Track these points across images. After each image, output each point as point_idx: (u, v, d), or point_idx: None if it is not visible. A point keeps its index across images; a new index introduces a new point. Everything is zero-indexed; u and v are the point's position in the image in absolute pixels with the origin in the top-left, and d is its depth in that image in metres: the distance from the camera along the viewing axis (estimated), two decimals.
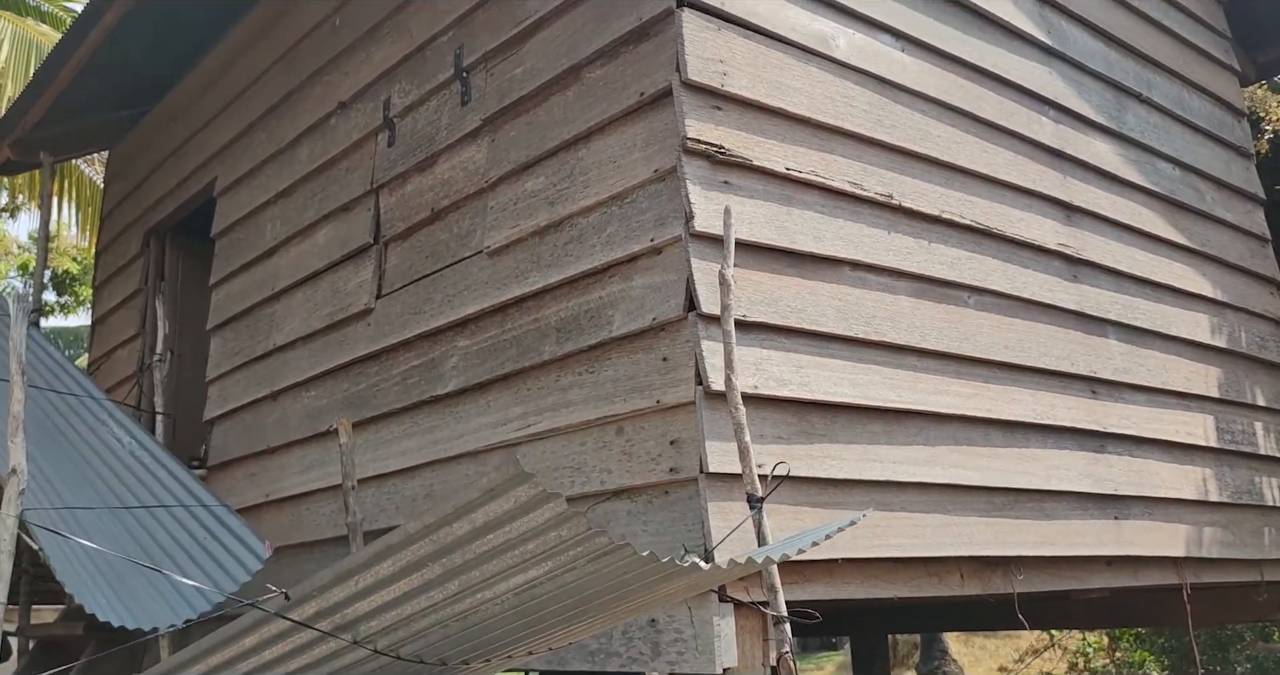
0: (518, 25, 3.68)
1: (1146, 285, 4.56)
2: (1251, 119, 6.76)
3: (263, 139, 5.15)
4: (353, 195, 4.41)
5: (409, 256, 4.07)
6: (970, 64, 4.01)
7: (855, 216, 3.43)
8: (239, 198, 5.28)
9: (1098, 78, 4.67)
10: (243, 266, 5.11)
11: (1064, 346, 4.03)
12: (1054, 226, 4.18)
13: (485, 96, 3.80)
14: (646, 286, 3.05)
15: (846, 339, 3.23)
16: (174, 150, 6.04)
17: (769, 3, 3.35)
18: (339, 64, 4.67)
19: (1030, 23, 4.37)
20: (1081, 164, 4.41)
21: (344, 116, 4.57)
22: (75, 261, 16.44)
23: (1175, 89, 5.21)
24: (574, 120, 3.41)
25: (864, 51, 3.62)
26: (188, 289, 5.91)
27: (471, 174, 3.82)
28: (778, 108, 3.27)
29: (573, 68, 3.43)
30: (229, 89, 5.56)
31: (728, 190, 3.07)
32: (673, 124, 3.04)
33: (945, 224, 3.72)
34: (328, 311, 4.41)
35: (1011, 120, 4.12)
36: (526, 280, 3.47)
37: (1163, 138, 4.96)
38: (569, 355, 3.25)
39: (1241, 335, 5.05)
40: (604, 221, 3.24)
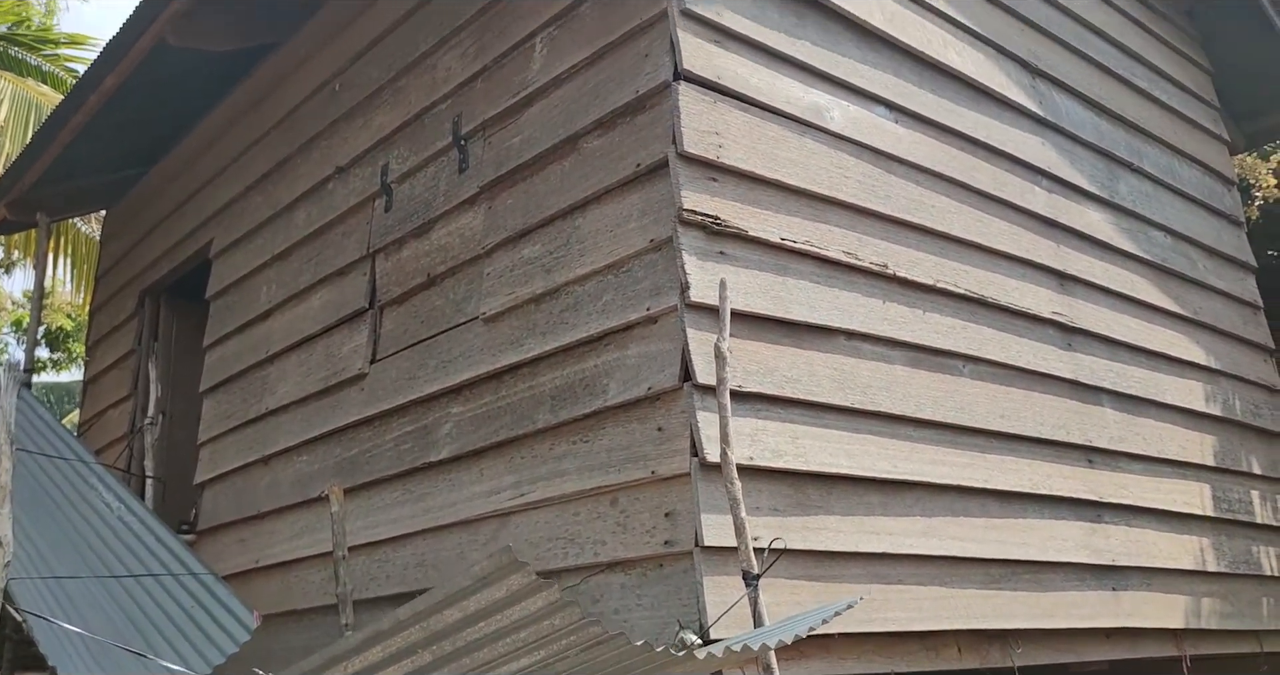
0: (516, 95, 3.72)
1: (1140, 353, 4.57)
2: (1241, 186, 6.82)
3: (260, 202, 5.17)
4: (349, 259, 4.42)
5: (404, 322, 4.07)
6: (964, 135, 4.05)
7: (850, 286, 3.43)
8: (235, 260, 5.29)
9: (1090, 147, 4.72)
10: (237, 329, 5.10)
11: (1059, 415, 4.02)
12: (1048, 295, 4.19)
13: (483, 164, 3.83)
14: (642, 356, 3.05)
15: (842, 409, 3.22)
16: (171, 211, 6.07)
17: (764, 75, 3.39)
18: (337, 129, 4.71)
19: (1023, 94, 4.42)
20: (1075, 233, 4.44)
21: (342, 181, 4.60)
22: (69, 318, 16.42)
23: (1166, 158, 5.27)
24: (571, 189, 3.43)
25: (858, 123, 3.66)
26: (181, 350, 5.89)
27: (468, 240, 3.84)
28: (773, 179, 3.29)
29: (570, 138, 3.46)
30: (227, 152, 5.60)
31: (723, 260, 3.08)
32: (669, 195, 3.06)
33: (940, 293, 3.73)
34: (321, 375, 4.39)
35: (1005, 190, 4.15)
36: (522, 347, 3.46)
37: (1154, 207, 5.01)
38: (563, 424, 3.23)
39: (1236, 403, 5.05)
40: (600, 290, 3.25)
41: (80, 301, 12.29)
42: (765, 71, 3.40)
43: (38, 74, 10.23)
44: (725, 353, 2.56)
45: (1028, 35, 4.59)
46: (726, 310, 2.64)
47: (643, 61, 3.25)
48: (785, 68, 3.47)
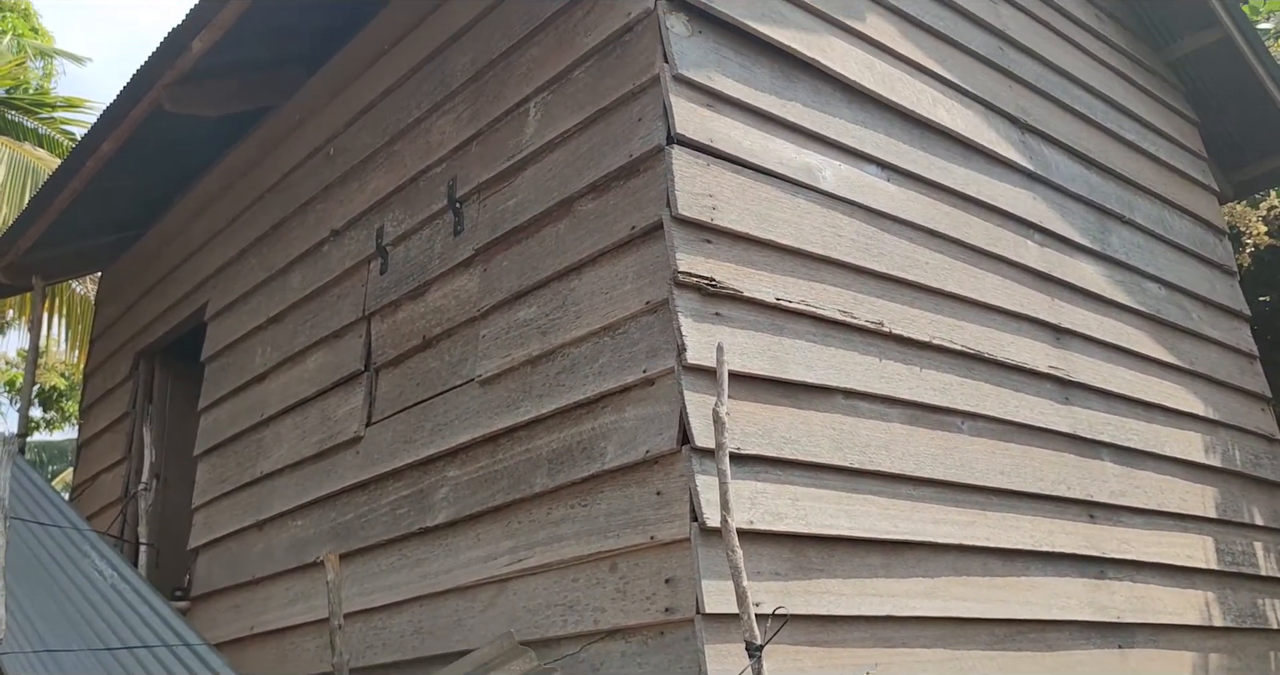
0: (510, 159, 3.74)
1: (1138, 405, 4.56)
2: (1232, 233, 6.87)
3: (255, 265, 5.18)
4: (344, 322, 4.41)
5: (400, 384, 4.05)
6: (956, 191, 4.08)
7: (847, 344, 3.43)
8: (230, 322, 5.28)
9: (1081, 201, 4.75)
10: (232, 392, 5.08)
11: (1059, 470, 4.00)
12: (1044, 349, 4.19)
13: (478, 227, 3.84)
14: (639, 418, 3.03)
15: (842, 469, 3.20)
16: (166, 274, 6.07)
17: (756, 137, 3.41)
18: (332, 192, 4.73)
19: (1013, 149, 4.46)
20: (1069, 286, 4.45)
21: (337, 244, 4.61)
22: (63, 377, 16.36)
23: (1157, 210, 5.30)
24: (566, 251, 3.43)
25: (850, 182, 3.68)
26: (176, 413, 5.86)
27: (463, 302, 3.84)
28: (767, 239, 3.30)
29: (564, 201, 3.47)
30: (222, 214, 5.62)
31: (719, 322, 3.08)
32: (664, 257, 3.06)
33: (936, 350, 3.72)
34: (317, 439, 4.36)
35: (998, 245, 4.17)
36: (518, 410, 3.44)
37: (1147, 258, 5.03)
38: (561, 487, 3.21)
39: (1235, 453, 5.03)
40: (596, 352, 3.24)
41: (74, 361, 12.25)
42: (757, 133, 3.42)
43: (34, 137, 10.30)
44: (724, 418, 2.54)
45: (1016, 91, 4.64)
46: (724, 374, 2.63)
47: (636, 126, 3.27)
48: (777, 129, 3.49)
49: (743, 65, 3.46)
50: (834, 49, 3.79)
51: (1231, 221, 7.02)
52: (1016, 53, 4.75)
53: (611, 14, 3.45)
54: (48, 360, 15.25)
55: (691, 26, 3.35)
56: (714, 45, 3.39)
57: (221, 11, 4.44)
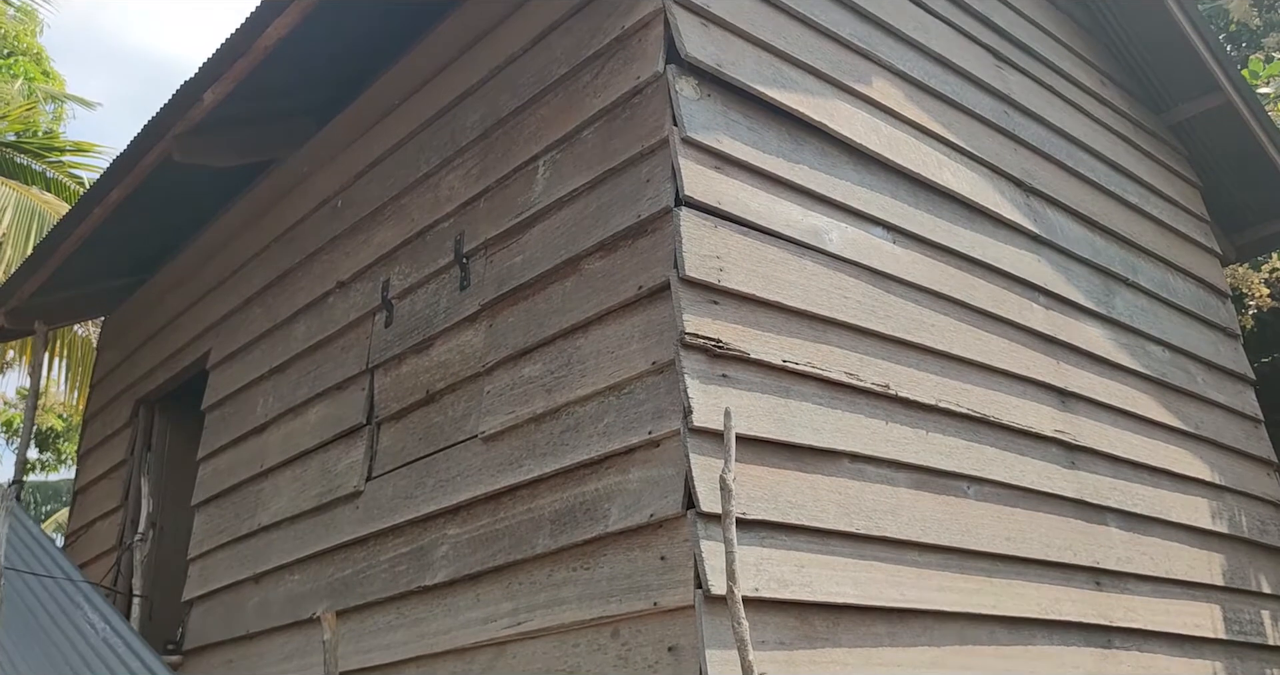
0: (518, 215, 3.75)
1: (1144, 470, 4.53)
2: (1235, 295, 6.89)
3: (259, 314, 5.18)
4: (347, 374, 4.40)
5: (402, 439, 4.03)
6: (961, 253, 4.08)
7: (853, 407, 3.41)
8: (232, 372, 5.27)
9: (1085, 263, 4.76)
10: (232, 441, 5.05)
11: (1065, 536, 3.96)
12: (1050, 413, 4.18)
13: (484, 282, 3.84)
14: (644, 481, 3.00)
15: (848, 535, 3.17)
16: (169, 321, 6.07)
17: (763, 199, 3.42)
18: (339, 244, 4.74)
19: (1017, 212, 4.47)
20: (1074, 349, 4.44)
21: (342, 296, 4.61)
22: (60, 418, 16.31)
23: (1160, 273, 5.31)
24: (572, 309, 3.43)
25: (856, 244, 3.68)
26: (175, 461, 5.83)
27: (468, 358, 3.82)
28: (773, 301, 3.29)
29: (572, 259, 3.47)
30: (228, 263, 5.63)
31: (726, 383, 3.06)
32: (671, 318, 3.06)
33: (942, 413, 3.71)
34: (316, 492, 4.33)
35: (1004, 308, 4.17)
36: (521, 468, 3.42)
37: (1151, 321, 5.03)
38: (563, 549, 3.17)
39: (1242, 520, 4.99)
40: (601, 411, 3.22)
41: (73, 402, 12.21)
42: (765, 195, 3.44)
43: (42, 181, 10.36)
44: (731, 485, 2.52)
45: (1021, 154, 4.67)
46: (732, 440, 2.61)
47: (644, 187, 3.28)
48: (784, 191, 3.51)
49: (751, 128, 3.48)
50: (841, 112, 3.82)
51: (1234, 283, 7.05)
52: (1021, 116, 4.79)
53: (621, 77, 3.48)
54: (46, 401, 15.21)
55: (700, 90, 3.37)
56: (722, 108, 3.41)
57: (235, 64, 4.48)
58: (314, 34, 4.37)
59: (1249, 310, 7.22)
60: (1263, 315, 7.33)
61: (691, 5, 3.40)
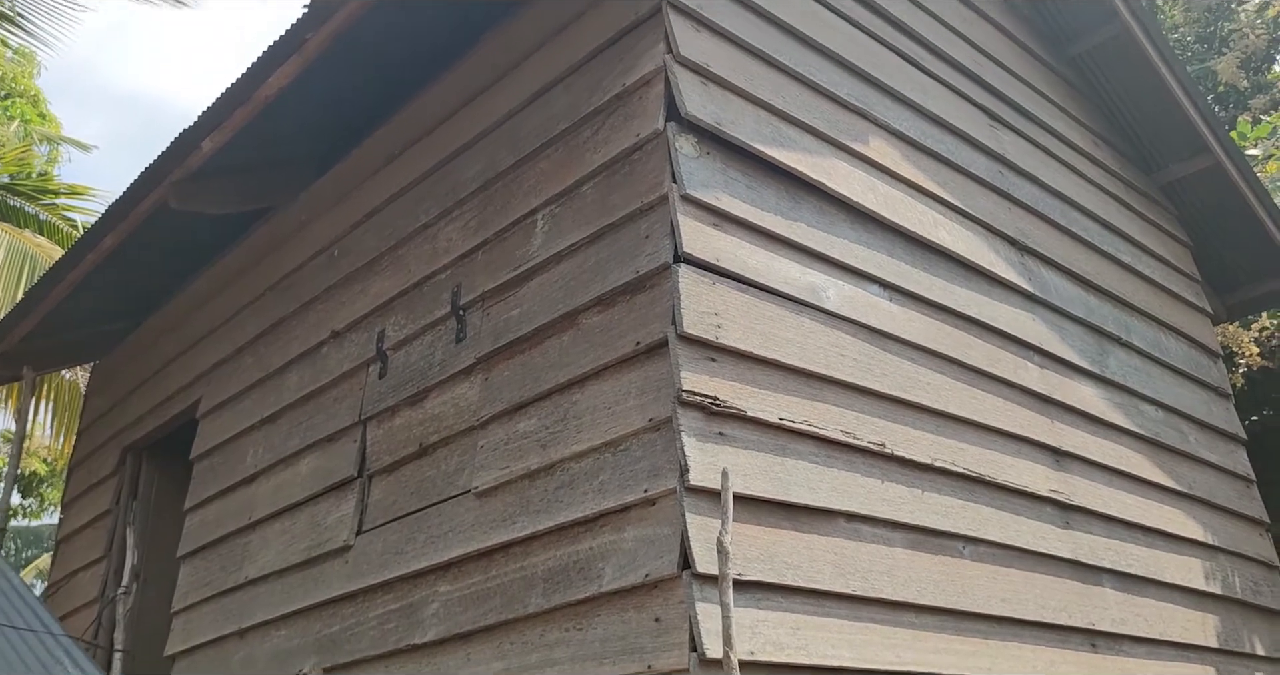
0: (516, 269, 3.75)
1: (1138, 530, 4.51)
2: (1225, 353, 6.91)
3: (251, 363, 5.15)
4: (339, 426, 4.36)
5: (393, 492, 3.99)
6: (956, 312, 4.09)
7: (849, 466, 3.40)
8: (222, 421, 5.23)
9: (1079, 323, 4.78)
10: (220, 492, 5.00)
11: (1060, 597, 3.93)
12: (1045, 472, 4.16)
13: (480, 335, 3.83)
14: (639, 539, 2.97)
15: (843, 596, 3.14)
16: (160, 368, 6.03)
17: (761, 257, 3.43)
18: (335, 294, 4.73)
19: (1012, 271, 4.50)
20: (1068, 408, 4.44)
21: (336, 346, 4.59)
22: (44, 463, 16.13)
23: (1153, 332, 5.33)
24: (569, 364, 3.42)
25: (853, 302, 3.69)
26: (161, 511, 5.76)
27: (463, 411, 3.80)
28: (771, 358, 3.29)
29: (569, 313, 3.47)
30: (221, 310, 5.61)
31: (722, 441, 3.05)
32: (668, 375, 3.05)
33: (938, 472, 3.69)
34: (305, 545, 4.28)
35: (999, 366, 4.17)
36: (514, 525, 3.38)
37: (1144, 380, 5.04)
38: (556, 609, 3.13)
39: (1235, 580, 4.97)
40: (596, 468, 3.19)
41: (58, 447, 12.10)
42: (763, 253, 3.44)
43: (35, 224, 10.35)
44: (728, 547, 2.49)
45: (1015, 213, 4.71)
46: (729, 500, 2.59)
47: (643, 243, 3.29)
48: (782, 249, 3.52)
49: (749, 186, 3.50)
50: (838, 171, 3.85)
51: (1224, 342, 7.07)
52: (1015, 176, 4.83)
53: (621, 133, 3.50)
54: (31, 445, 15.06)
55: (700, 148, 3.39)
56: (722, 166, 3.43)
57: (235, 113, 4.50)
58: (315, 85, 4.41)
59: (1239, 369, 7.25)
60: (1253, 374, 7.36)
61: (692, 64, 3.43)
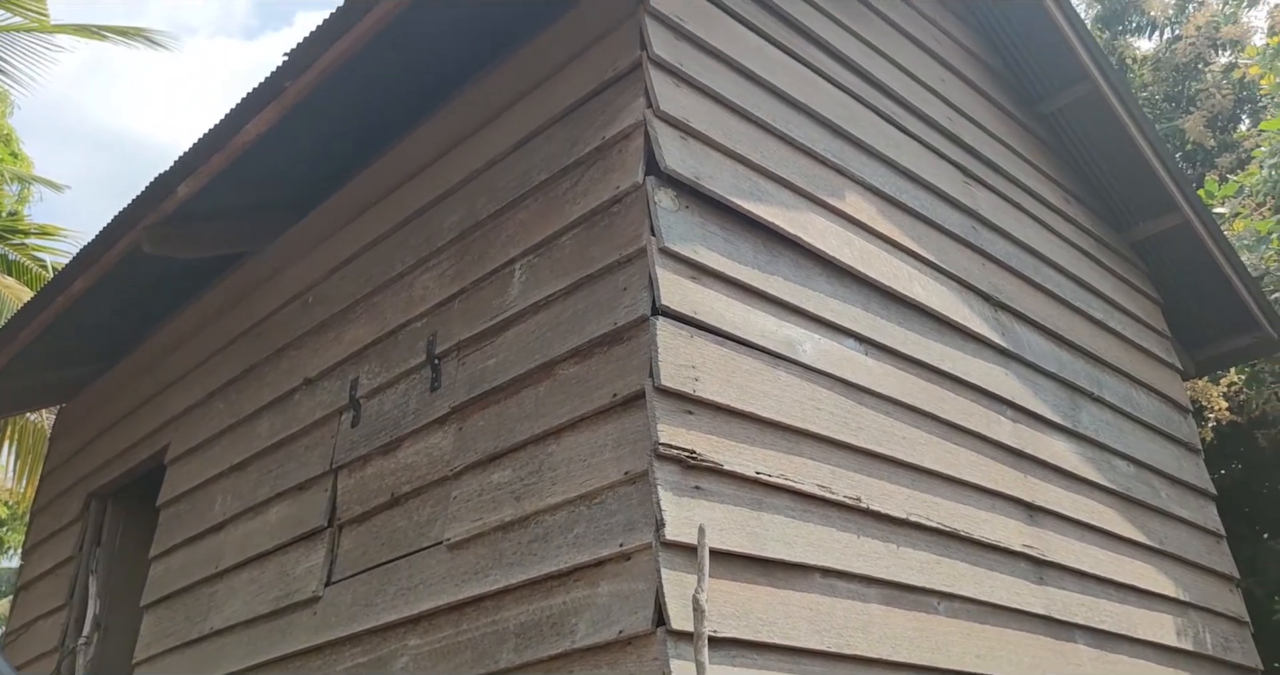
0: (493, 318, 3.74)
1: (1110, 586, 4.52)
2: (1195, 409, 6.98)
3: (222, 409, 5.09)
4: (310, 474, 4.31)
5: (364, 543, 3.94)
6: (931, 366, 4.12)
7: (825, 520, 3.39)
8: (190, 467, 5.15)
9: (1051, 378, 4.81)
10: (186, 540, 4.91)
11: (1035, 653, 3.92)
12: (1018, 527, 4.17)
13: (456, 384, 3.81)
14: (614, 595, 2.94)
15: (819, 653, 3.11)
16: (128, 412, 5.96)
17: (739, 310, 3.44)
18: (308, 341, 4.70)
19: (986, 326, 4.53)
20: (1041, 463, 4.46)
21: (309, 393, 4.55)
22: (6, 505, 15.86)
23: (1124, 387, 5.38)
24: (545, 415, 3.40)
25: (829, 355, 3.70)
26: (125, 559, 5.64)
27: (436, 461, 3.77)
28: (748, 412, 3.28)
29: (546, 364, 3.46)
30: (192, 355, 5.56)
31: (699, 495, 3.03)
32: (645, 427, 3.03)
33: (913, 527, 3.69)
34: (273, 596, 4.20)
35: (972, 421, 4.19)
36: (486, 578, 3.34)
37: (1116, 435, 5.07)
38: (528, 664, 3.08)
39: (1206, 636, 4.97)
40: (571, 521, 3.17)
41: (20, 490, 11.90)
42: (740, 306, 3.46)
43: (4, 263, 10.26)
44: (704, 605, 2.47)
45: (988, 269, 4.75)
46: (705, 558, 2.57)
47: (621, 294, 3.29)
48: (759, 302, 3.53)
49: (727, 239, 3.52)
50: (815, 225, 3.88)
51: (1194, 396, 7.15)
52: (989, 232, 4.88)
53: (600, 185, 3.52)
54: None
55: (679, 201, 3.41)
56: (700, 220, 3.45)
57: (211, 159, 4.48)
58: (293, 132, 4.40)
59: (1209, 423, 7.32)
60: (1222, 429, 7.43)
61: (671, 119, 3.46)
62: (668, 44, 3.60)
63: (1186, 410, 5.92)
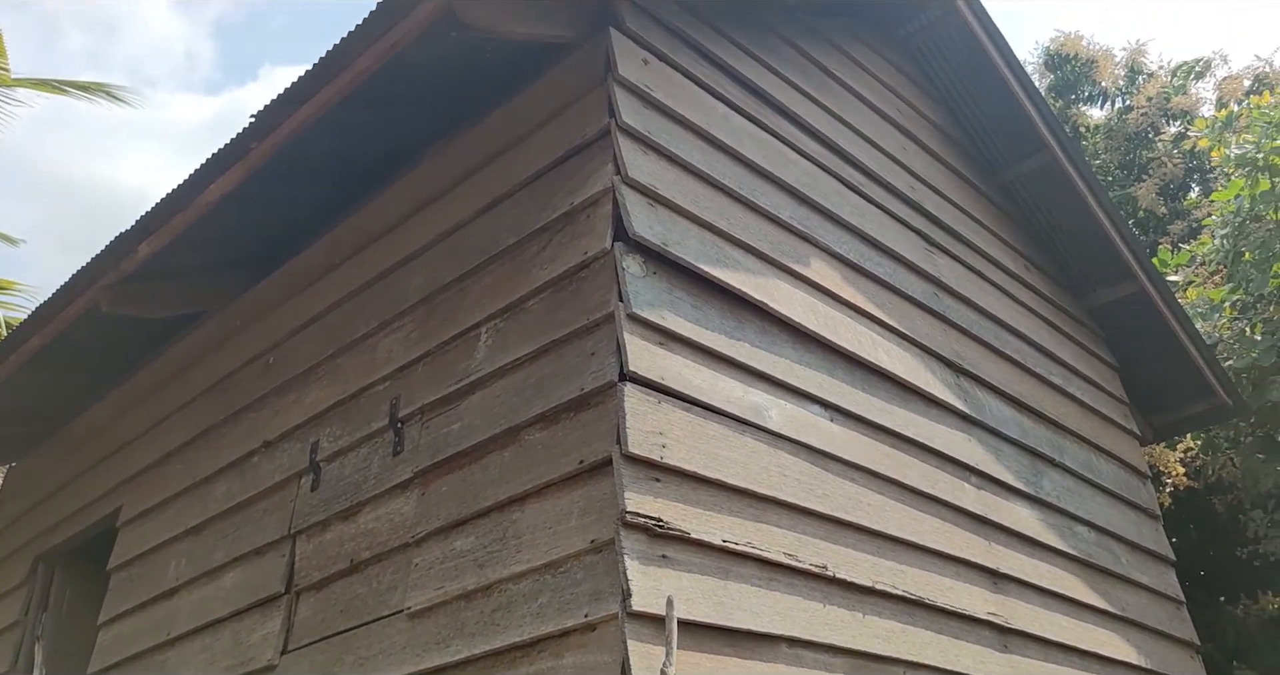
0: (458, 382, 3.72)
1: (1074, 654, 4.51)
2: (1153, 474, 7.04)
3: (178, 471, 5.00)
4: (268, 539, 4.23)
5: (322, 610, 3.85)
6: (896, 432, 4.13)
7: (791, 589, 3.36)
8: (144, 530, 5.04)
9: (1014, 444, 4.84)
10: (138, 606, 4.78)
11: None
12: (983, 594, 4.16)
13: (419, 449, 3.76)
14: (579, 667, 2.89)
15: None
16: (81, 472, 5.83)
17: (706, 376, 3.44)
18: (269, 402, 4.64)
19: (949, 392, 4.56)
20: (1005, 530, 4.47)
21: (268, 456, 4.48)
22: None
23: (1085, 453, 5.42)
24: (510, 481, 3.36)
25: (796, 422, 3.70)
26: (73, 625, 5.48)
27: (397, 527, 3.71)
28: (715, 479, 3.27)
29: (511, 429, 3.43)
30: (149, 415, 5.46)
31: (665, 564, 3.00)
32: (611, 495, 3.01)
33: (879, 595, 3.67)
34: (226, 665, 4.09)
35: (937, 487, 4.20)
36: (448, 648, 3.27)
37: (1077, 501, 5.10)
38: None
39: None
40: (536, 590, 3.12)
41: None
42: (707, 372, 3.46)
43: None
44: None
45: (951, 335, 4.80)
46: (674, 630, 2.54)
47: (589, 360, 3.28)
48: (726, 368, 3.53)
49: (694, 305, 3.53)
50: (780, 292, 3.90)
51: (1152, 462, 7.22)
52: (951, 299, 4.94)
53: (569, 250, 3.53)
54: None
55: (646, 267, 3.43)
56: (667, 285, 3.46)
57: (174, 219, 4.45)
58: (258, 192, 4.37)
59: (1166, 489, 7.38)
60: (1179, 494, 7.49)
61: (639, 186, 3.49)
62: (636, 112, 3.64)
63: (1145, 476, 5.97)
